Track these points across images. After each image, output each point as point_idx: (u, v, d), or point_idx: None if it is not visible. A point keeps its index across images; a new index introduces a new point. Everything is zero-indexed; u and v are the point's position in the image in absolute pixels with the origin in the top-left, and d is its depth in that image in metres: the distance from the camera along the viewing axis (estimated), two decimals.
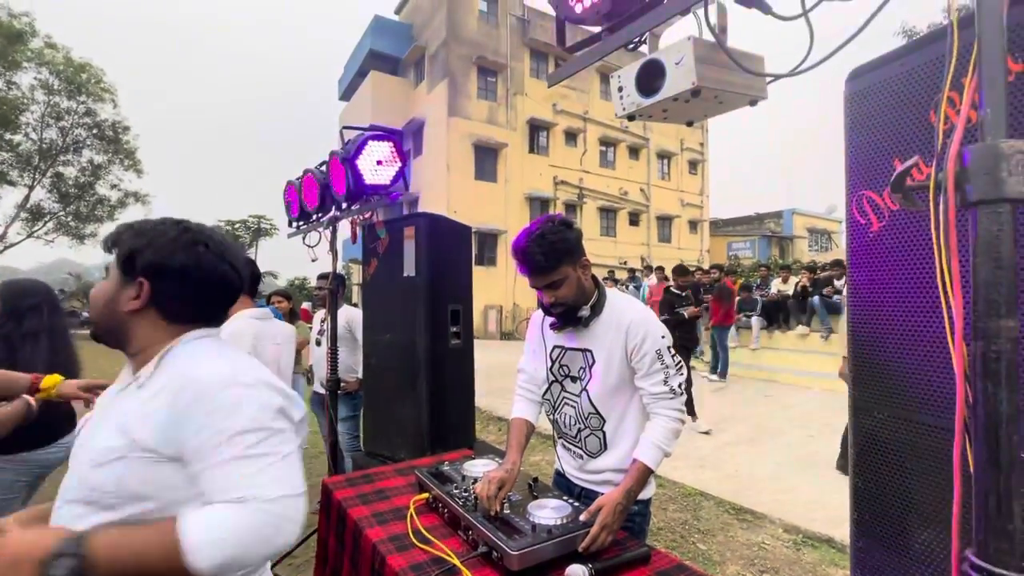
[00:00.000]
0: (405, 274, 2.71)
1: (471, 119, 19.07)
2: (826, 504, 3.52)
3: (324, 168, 2.66)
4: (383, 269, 2.87)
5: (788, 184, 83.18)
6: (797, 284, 8.55)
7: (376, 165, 2.30)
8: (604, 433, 1.55)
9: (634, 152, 23.45)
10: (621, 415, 1.53)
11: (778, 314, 8.61)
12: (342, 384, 3.43)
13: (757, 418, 5.15)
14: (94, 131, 22.91)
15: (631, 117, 1.15)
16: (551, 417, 1.70)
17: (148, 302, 0.92)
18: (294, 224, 3.12)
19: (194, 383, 0.83)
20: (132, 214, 25.01)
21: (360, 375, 3.20)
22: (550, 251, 1.39)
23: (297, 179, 3.02)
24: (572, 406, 1.60)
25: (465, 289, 2.96)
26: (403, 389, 2.73)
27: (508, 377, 2.44)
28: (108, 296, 0.94)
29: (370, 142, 2.29)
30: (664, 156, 24.56)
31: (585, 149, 21.63)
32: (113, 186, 24.10)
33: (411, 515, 1.52)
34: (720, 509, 3.54)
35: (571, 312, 1.49)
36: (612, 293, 1.56)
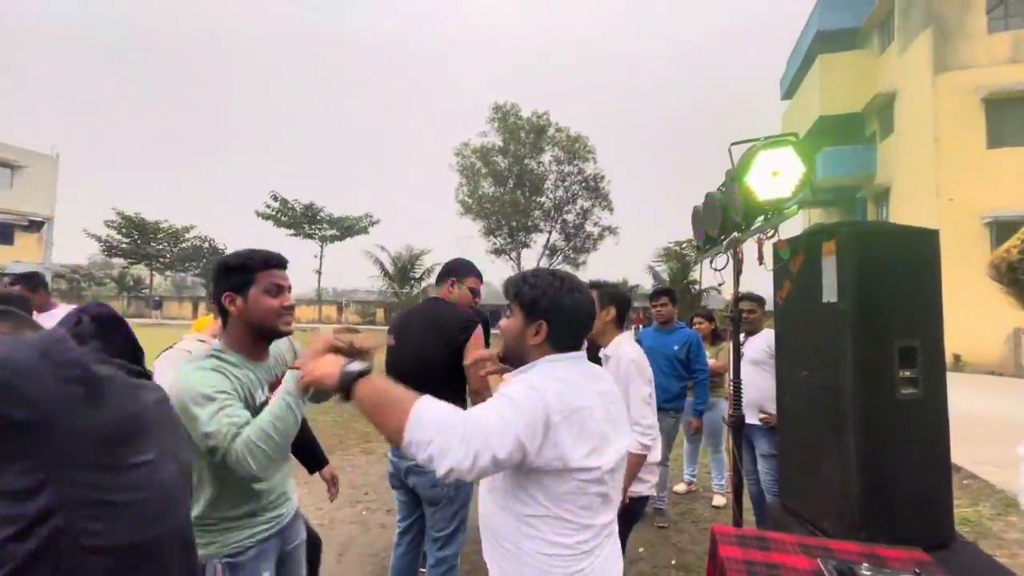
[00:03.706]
0: (825, 299, 2.20)
1: (975, 67, 13.66)
2: None
3: (723, 189, 2.53)
4: (798, 293, 2.44)
5: None
6: None
7: (771, 177, 2.00)
8: None
9: None
10: None
11: None
12: (763, 417, 3.12)
13: None
14: (583, 184, 30.29)
15: None
16: None
17: (545, 338, 1.22)
18: (702, 248, 3.11)
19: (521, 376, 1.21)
20: (607, 244, 31.42)
21: None
22: None
23: (702, 204, 2.99)
24: None
25: (928, 318, 2.13)
26: (824, 440, 2.21)
27: None
28: (516, 332, 1.25)
29: (760, 153, 2.01)
30: None
31: None
32: (595, 224, 31.07)
33: None
34: None
35: None
36: None
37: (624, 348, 2.16)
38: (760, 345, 3.35)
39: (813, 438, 2.31)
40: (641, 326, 9.70)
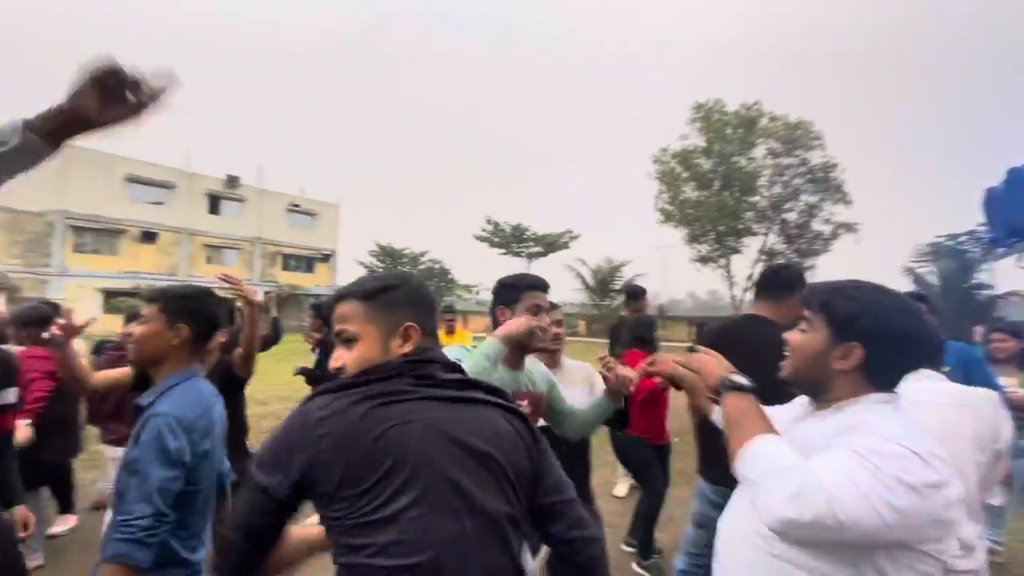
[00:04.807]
0: None
1: None
2: None
3: None
4: None
5: None
6: None
7: None
8: None
9: None
10: None
11: None
12: None
13: None
14: (807, 177, 26.15)
15: None
16: None
17: (857, 365, 0.98)
18: (1001, 241, 2.36)
19: (867, 425, 0.92)
20: (844, 244, 26.43)
21: None
22: None
23: (1002, 184, 2.28)
24: None
25: None
26: None
27: None
28: (816, 350, 1.03)
29: None
30: None
31: None
32: (826, 220, 26.48)
33: None
34: None
35: None
36: None
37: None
38: None
39: None
40: None
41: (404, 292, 0.99)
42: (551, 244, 35.93)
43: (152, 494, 1.14)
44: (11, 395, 1.82)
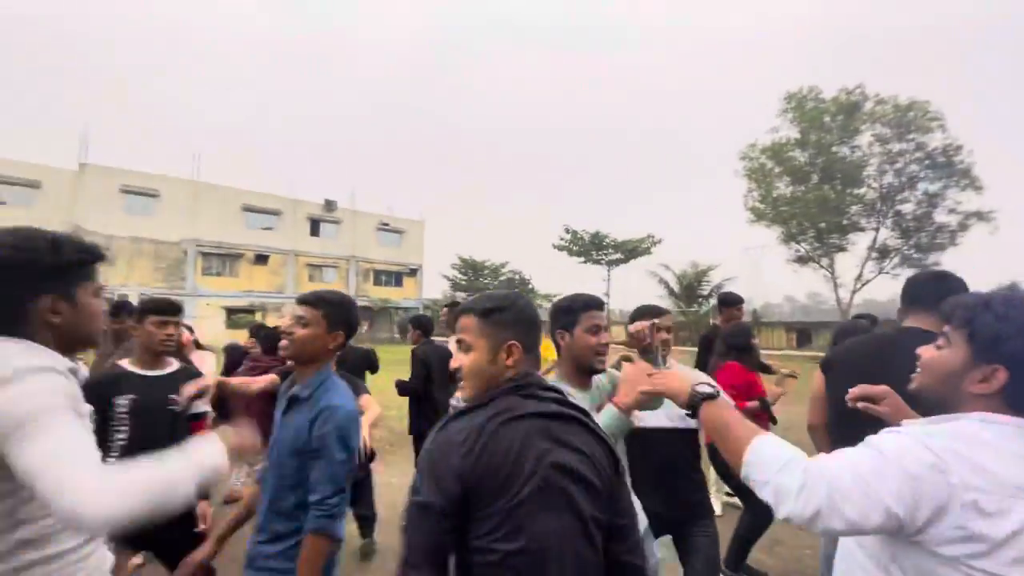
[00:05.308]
0: None
1: None
2: None
3: None
4: None
5: None
6: None
7: None
8: None
9: None
10: None
11: None
12: None
13: None
14: (926, 162, 23.30)
15: None
16: None
17: (998, 390, 0.90)
18: None
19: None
20: (976, 235, 23.18)
21: None
22: None
23: None
24: None
25: None
26: None
27: None
28: (951, 369, 0.95)
29: None
30: None
31: None
32: (951, 210, 23.41)
33: None
34: None
35: None
36: None
37: None
38: None
39: None
40: None
41: (511, 313, 1.13)
42: (632, 250, 35.05)
43: (337, 474, 1.37)
44: (203, 404, 2.12)
